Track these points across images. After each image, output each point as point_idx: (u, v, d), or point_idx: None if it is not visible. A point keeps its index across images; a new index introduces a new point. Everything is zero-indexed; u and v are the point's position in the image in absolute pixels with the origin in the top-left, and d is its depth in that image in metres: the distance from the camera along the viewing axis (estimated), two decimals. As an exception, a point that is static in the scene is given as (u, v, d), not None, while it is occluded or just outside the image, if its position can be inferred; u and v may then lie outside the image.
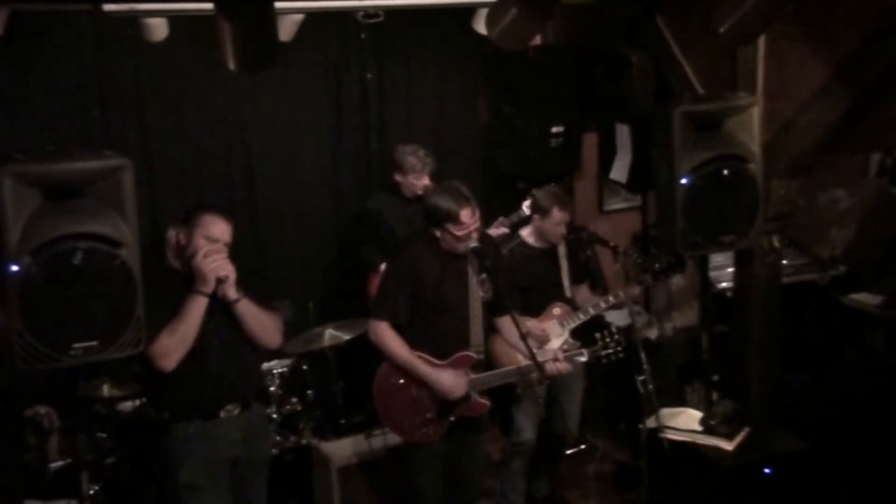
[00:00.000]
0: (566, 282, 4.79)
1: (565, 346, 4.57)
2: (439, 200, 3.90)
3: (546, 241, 4.71)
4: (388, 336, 3.95)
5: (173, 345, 3.51)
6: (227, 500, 3.78)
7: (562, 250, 4.80)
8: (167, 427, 3.67)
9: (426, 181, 5.10)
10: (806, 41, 4.35)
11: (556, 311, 4.70)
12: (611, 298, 4.73)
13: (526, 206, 5.00)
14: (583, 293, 4.91)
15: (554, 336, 4.64)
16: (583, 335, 4.64)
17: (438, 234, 3.93)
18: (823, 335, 5.76)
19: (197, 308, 3.56)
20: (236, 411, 3.74)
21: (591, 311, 4.73)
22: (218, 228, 3.62)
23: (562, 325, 4.68)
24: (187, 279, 3.62)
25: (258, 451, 3.94)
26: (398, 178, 5.17)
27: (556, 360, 4.11)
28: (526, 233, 4.77)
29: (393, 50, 5.66)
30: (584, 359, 4.30)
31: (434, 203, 3.91)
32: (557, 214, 4.61)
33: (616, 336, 4.28)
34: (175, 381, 3.61)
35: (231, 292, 3.63)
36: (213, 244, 3.59)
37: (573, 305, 4.79)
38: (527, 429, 4.73)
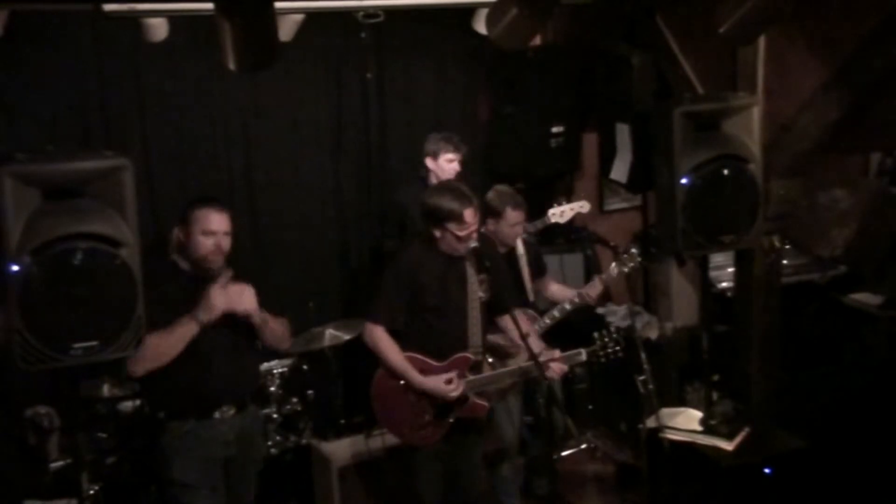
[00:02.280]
0: (528, 284, 4.75)
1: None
2: (441, 200, 3.88)
3: (503, 243, 4.62)
4: (383, 341, 3.94)
5: (148, 356, 3.46)
6: (221, 499, 3.80)
7: (520, 248, 4.74)
8: (162, 425, 3.68)
9: (457, 166, 5.04)
10: (806, 41, 4.35)
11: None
12: (575, 299, 4.70)
13: (551, 213, 4.96)
14: (550, 285, 4.88)
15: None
16: (581, 334, 4.62)
17: (438, 234, 3.91)
18: (823, 335, 5.76)
19: (187, 333, 3.55)
20: (231, 412, 3.75)
21: (557, 315, 4.70)
22: (214, 220, 3.63)
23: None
24: (193, 279, 3.64)
25: (251, 451, 3.95)
26: (430, 164, 5.06)
27: (553, 360, 4.10)
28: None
29: (393, 50, 5.66)
30: (583, 358, 4.30)
31: (436, 203, 3.89)
32: (512, 214, 4.54)
33: (615, 335, 4.27)
34: (174, 380, 3.62)
35: (256, 320, 3.68)
36: (213, 236, 3.59)
37: (537, 308, 4.74)
38: (506, 432, 4.71)
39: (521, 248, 4.75)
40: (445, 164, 5.03)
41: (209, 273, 3.65)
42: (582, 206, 5.12)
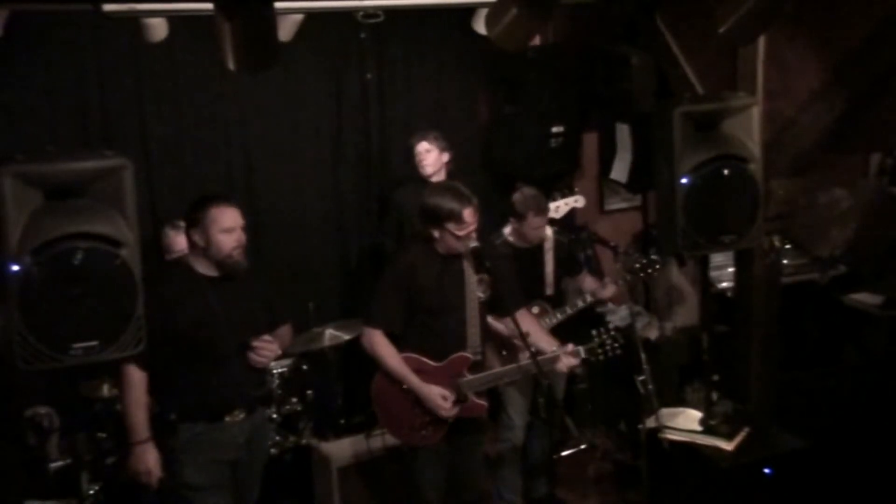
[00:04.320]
0: (549, 278, 4.77)
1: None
2: (441, 200, 3.87)
3: (527, 241, 4.67)
4: (381, 346, 3.93)
5: (125, 383, 3.57)
6: (228, 499, 3.79)
7: (548, 244, 4.76)
8: (173, 427, 3.67)
9: (434, 157, 5.10)
10: (806, 41, 4.36)
11: (535, 310, 4.67)
12: (588, 297, 4.73)
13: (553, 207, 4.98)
14: (585, 280, 4.89)
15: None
16: (580, 332, 4.62)
17: (437, 234, 3.91)
18: (823, 335, 5.76)
19: (134, 427, 3.59)
20: (242, 416, 3.75)
21: (569, 310, 4.73)
22: (230, 216, 3.62)
23: (541, 324, 4.67)
24: (211, 280, 3.64)
25: (258, 452, 3.96)
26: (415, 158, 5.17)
27: (554, 359, 4.10)
28: (507, 231, 4.74)
29: (393, 50, 5.66)
30: (581, 356, 4.28)
31: (435, 203, 3.88)
32: (533, 220, 4.58)
33: (612, 332, 4.26)
34: (188, 383, 3.63)
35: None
36: (233, 232, 3.61)
37: (556, 302, 4.78)
38: (516, 424, 4.73)
39: (549, 242, 4.77)
40: (424, 154, 5.12)
41: (235, 269, 3.65)
42: (577, 201, 5.12)
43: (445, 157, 5.17)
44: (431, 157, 5.12)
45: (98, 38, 4.81)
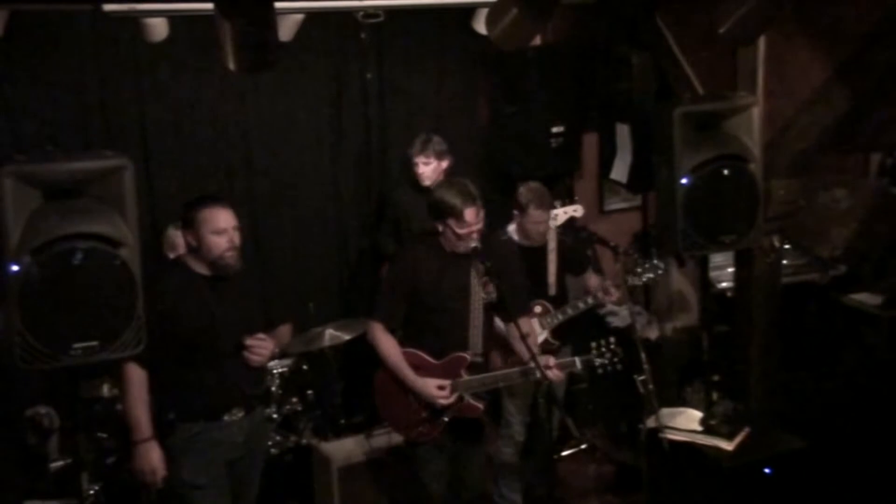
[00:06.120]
0: (551, 278, 4.77)
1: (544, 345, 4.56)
2: (445, 195, 3.89)
3: (529, 238, 4.68)
4: (381, 339, 3.97)
5: (125, 382, 3.57)
6: (227, 498, 3.80)
7: (551, 244, 4.76)
8: (172, 426, 3.68)
9: (433, 170, 5.09)
10: (806, 41, 4.36)
11: (537, 309, 4.68)
12: (589, 299, 4.72)
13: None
14: (591, 281, 4.89)
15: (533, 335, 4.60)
16: (581, 341, 4.60)
17: (441, 228, 3.93)
18: (823, 335, 5.76)
19: (136, 426, 3.59)
20: (240, 415, 3.75)
21: (570, 311, 4.73)
22: (222, 218, 3.61)
23: (541, 324, 4.67)
24: (209, 280, 3.64)
25: (257, 451, 3.97)
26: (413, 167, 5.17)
27: (548, 366, 4.06)
28: (511, 229, 4.75)
29: (393, 50, 5.66)
30: (577, 368, 4.24)
31: (439, 197, 3.91)
32: (534, 213, 4.58)
33: (612, 346, 4.20)
34: (186, 382, 3.63)
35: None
36: (224, 234, 3.59)
37: (557, 302, 4.78)
38: (517, 423, 4.73)
39: (552, 243, 4.76)
40: (422, 167, 5.09)
41: (228, 270, 3.64)
42: (576, 210, 5.11)
43: (445, 163, 5.16)
44: (429, 170, 5.12)
45: (98, 38, 4.81)
